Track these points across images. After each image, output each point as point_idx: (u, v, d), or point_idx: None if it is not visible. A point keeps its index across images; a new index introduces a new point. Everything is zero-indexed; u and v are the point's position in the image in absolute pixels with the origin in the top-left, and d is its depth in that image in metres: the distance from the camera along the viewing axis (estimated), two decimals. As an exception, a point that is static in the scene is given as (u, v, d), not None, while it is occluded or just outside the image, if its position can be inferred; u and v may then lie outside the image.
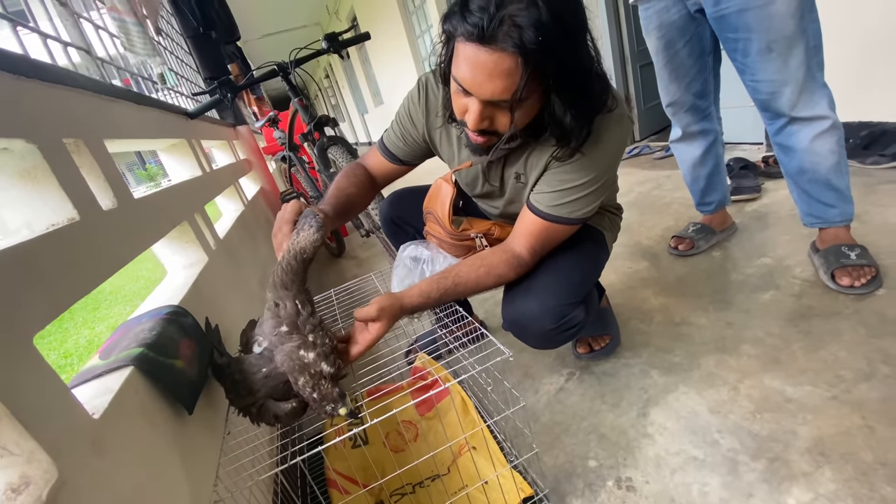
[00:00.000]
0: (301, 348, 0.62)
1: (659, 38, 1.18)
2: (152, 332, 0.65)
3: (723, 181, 1.39)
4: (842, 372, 0.84)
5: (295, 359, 0.62)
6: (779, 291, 1.12)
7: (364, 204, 0.92)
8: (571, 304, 0.81)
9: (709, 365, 0.95)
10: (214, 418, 0.72)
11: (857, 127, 1.71)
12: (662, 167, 2.34)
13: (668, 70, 1.22)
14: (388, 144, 0.94)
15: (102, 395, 0.52)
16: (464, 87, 0.63)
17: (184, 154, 1.33)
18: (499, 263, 0.79)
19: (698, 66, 1.18)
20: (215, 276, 1.05)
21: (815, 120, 1.03)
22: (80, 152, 0.70)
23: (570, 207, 0.76)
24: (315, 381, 0.61)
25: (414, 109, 0.88)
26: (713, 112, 1.29)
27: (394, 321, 0.71)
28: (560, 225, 0.78)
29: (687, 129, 1.30)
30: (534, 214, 0.78)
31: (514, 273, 0.80)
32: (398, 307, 0.72)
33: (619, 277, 1.39)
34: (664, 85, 1.26)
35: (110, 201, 0.71)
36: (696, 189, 1.40)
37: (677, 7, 1.12)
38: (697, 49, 1.16)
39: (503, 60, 0.57)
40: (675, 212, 1.75)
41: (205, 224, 1.15)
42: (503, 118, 0.66)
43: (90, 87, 0.82)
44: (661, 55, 1.20)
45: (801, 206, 1.17)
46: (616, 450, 0.83)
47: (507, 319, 0.86)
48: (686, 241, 1.40)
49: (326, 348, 0.63)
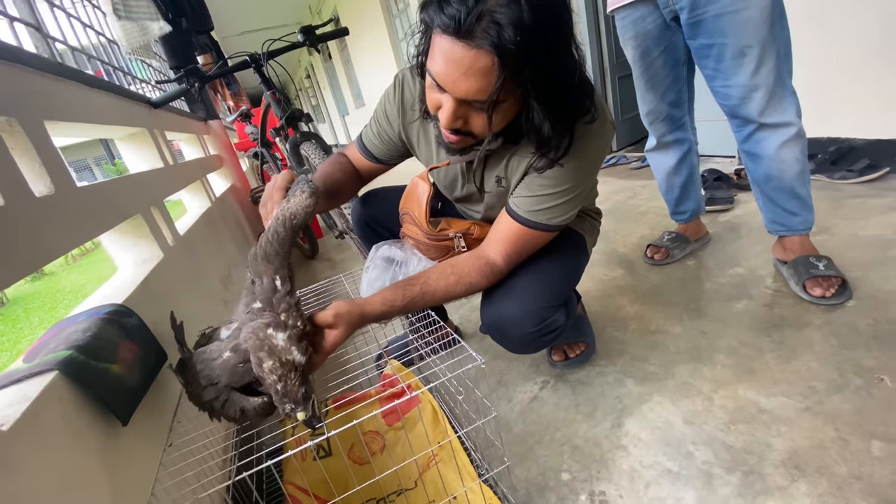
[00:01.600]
0: (270, 326, 0.55)
1: (635, 48, 1.19)
2: (86, 334, 0.58)
3: (697, 191, 1.40)
4: (814, 383, 0.84)
5: (262, 337, 0.54)
6: (751, 301, 1.12)
7: (350, 193, 0.91)
8: (552, 307, 0.78)
9: (683, 374, 0.94)
10: (155, 429, 0.65)
11: (825, 142, 1.76)
12: (638, 177, 2.37)
13: (645, 79, 1.23)
14: (365, 142, 0.91)
15: (17, 403, 0.46)
16: (437, 83, 0.59)
17: (144, 145, 1.25)
18: (470, 271, 0.75)
19: (673, 76, 1.20)
20: (171, 275, 0.97)
21: (783, 127, 1.05)
22: (12, 132, 0.63)
23: (549, 213, 0.73)
24: (284, 371, 0.53)
25: (389, 107, 0.85)
26: (687, 122, 1.31)
27: (352, 330, 0.65)
28: (538, 231, 0.75)
29: (662, 138, 1.31)
30: (511, 219, 0.75)
31: (487, 281, 0.76)
32: (357, 314, 0.65)
33: (596, 285, 1.38)
34: (641, 94, 1.27)
35: (45, 187, 0.64)
36: (671, 198, 1.41)
37: (653, 16, 1.12)
38: (672, 58, 1.17)
39: (479, 58, 0.54)
40: (651, 221, 1.76)
41: (162, 219, 1.07)
42: (478, 119, 0.63)
43: (32, 64, 0.75)
44: (638, 64, 1.21)
45: (766, 214, 1.19)
46: (590, 462, 0.80)
47: (487, 322, 0.82)
48: (661, 250, 1.41)
49: (298, 332, 0.56)
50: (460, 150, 0.73)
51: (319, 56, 10.27)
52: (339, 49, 8.55)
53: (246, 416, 0.58)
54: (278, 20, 8.45)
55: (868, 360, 0.85)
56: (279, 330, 0.55)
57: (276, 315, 0.57)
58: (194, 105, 2.39)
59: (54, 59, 0.89)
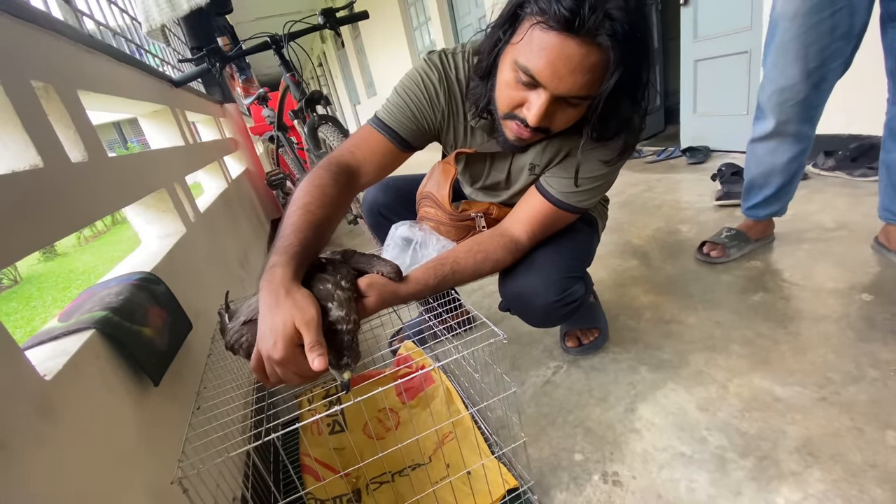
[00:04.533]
0: (330, 283, 0.56)
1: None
2: (119, 297, 0.60)
3: (792, 191, 1.23)
4: (830, 374, 0.84)
5: (327, 288, 0.55)
6: (768, 294, 1.12)
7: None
8: (572, 278, 0.80)
9: (698, 363, 0.94)
10: (183, 392, 0.67)
11: (846, 139, 1.74)
12: (654, 170, 2.35)
13: (798, 44, 0.97)
14: (394, 125, 0.76)
15: (58, 356, 0.48)
16: (535, 79, 0.57)
17: (166, 122, 1.27)
18: (497, 248, 0.76)
19: (834, 49, 0.97)
20: (193, 249, 0.99)
21: None
22: (49, 98, 0.64)
23: (580, 196, 0.75)
24: (352, 327, 0.53)
25: (433, 91, 0.76)
26: (819, 114, 1.09)
27: (383, 303, 0.65)
28: (566, 213, 0.77)
29: (785, 126, 1.08)
30: (543, 198, 0.76)
31: (512, 258, 0.78)
32: (390, 290, 0.65)
33: (609, 275, 1.38)
34: (783, 64, 1.01)
35: (80, 154, 0.66)
36: (762, 194, 1.22)
37: None
38: (845, 26, 0.94)
39: (591, 54, 0.53)
40: (666, 214, 1.75)
41: (184, 195, 1.09)
42: (563, 115, 0.62)
43: (67, 34, 0.76)
44: (798, 22, 0.96)
45: (884, 201, 1.12)
46: (602, 444, 0.81)
47: (508, 295, 0.83)
48: (718, 247, 1.29)
49: (351, 295, 0.57)
50: (522, 147, 0.73)
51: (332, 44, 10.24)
52: (352, 37, 8.51)
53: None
54: (293, 6, 8.40)
55: (884, 353, 0.85)
56: (339, 288, 0.55)
57: (335, 275, 0.57)
58: (211, 88, 2.41)
59: (84, 31, 0.90)
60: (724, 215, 1.60)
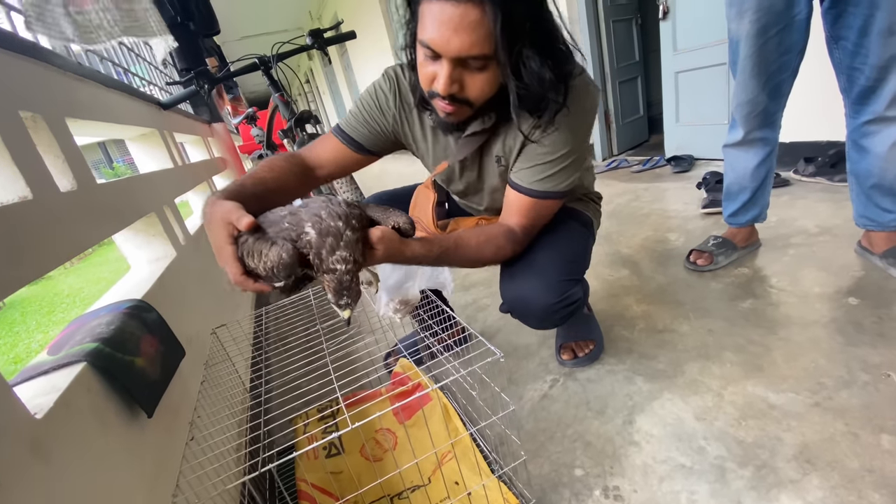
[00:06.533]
0: (341, 219, 0.55)
1: (753, 22, 1.03)
2: (110, 327, 0.59)
3: (767, 195, 1.30)
4: (823, 379, 0.85)
5: (335, 226, 0.54)
6: (757, 300, 1.13)
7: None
8: (571, 281, 0.82)
9: (692, 372, 0.95)
10: (176, 423, 0.66)
11: (825, 146, 1.79)
12: (640, 180, 2.39)
13: (753, 62, 1.08)
14: (348, 131, 0.86)
15: (48, 393, 0.47)
16: (432, 49, 0.61)
17: (154, 145, 1.26)
18: (498, 234, 0.78)
19: (782, 63, 1.07)
20: (184, 272, 0.98)
21: None
22: (37, 128, 0.64)
23: (552, 181, 0.76)
24: (353, 267, 0.54)
25: (384, 98, 0.83)
26: (779, 119, 1.19)
27: (389, 256, 0.65)
28: (546, 200, 0.78)
29: (750, 134, 1.19)
30: (518, 192, 0.78)
31: (511, 247, 0.79)
32: (397, 244, 0.66)
33: (601, 285, 1.39)
34: (743, 80, 1.12)
35: (69, 183, 0.65)
36: (739, 200, 1.29)
37: None
38: (787, 42, 1.04)
39: (469, 11, 0.56)
40: (654, 223, 1.78)
41: (174, 217, 1.08)
42: (473, 82, 0.65)
43: (55, 63, 0.76)
44: (750, 42, 1.06)
45: (857, 208, 1.16)
46: (602, 458, 0.80)
47: (509, 297, 0.85)
48: (705, 255, 1.32)
49: (360, 236, 0.57)
50: (457, 127, 0.74)
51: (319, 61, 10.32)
52: (339, 54, 8.59)
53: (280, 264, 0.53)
54: (279, 25, 8.49)
55: (874, 357, 0.87)
56: (349, 228, 0.55)
57: (348, 215, 0.57)
58: (199, 108, 2.41)
59: (72, 59, 0.90)
60: (711, 223, 1.63)
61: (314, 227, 0.54)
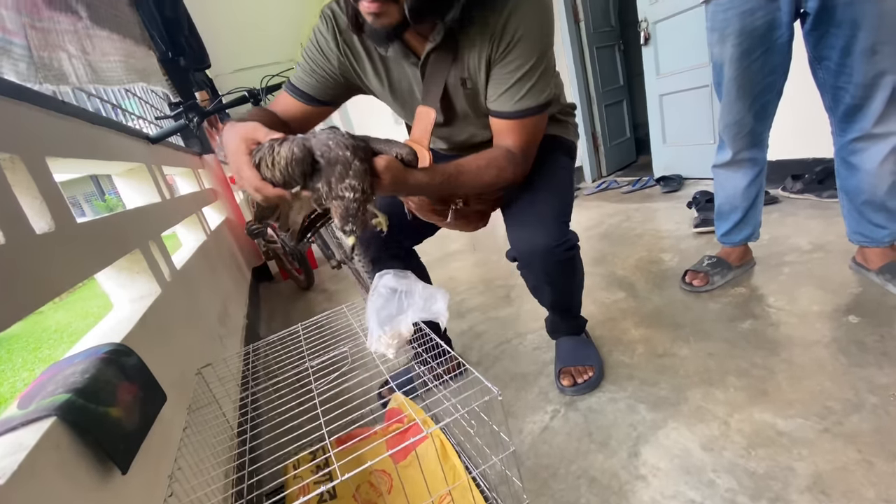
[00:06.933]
0: (349, 149, 0.57)
1: (736, 46, 1.04)
2: (84, 376, 0.56)
3: (758, 214, 1.29)
4: (830, 403, 0.82)
5: (345, 155, 0.56)
6: (756, 321, 1.12)
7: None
8: (566, 223, 0.89)
9: (696, 398, 0.92)
10: (156, 477, 0.62)
11: (811, 163, 1.81)
12: (630, 200, 2.41)
13: (738, 84, 1.09)
14: (298, 84, 0.85)
15: (14, 453, 0.43)
16: None
17: (142, 179, 1.25)
18: (498, 157, 0.78)
19: (766, 84, 1.08)
20: (168, 311, 0.95)
21: (888, 136, 1.00)
22: (15, 169, 0.62)
23: (532, 96, 0.76)
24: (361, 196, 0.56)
25: (324, 41, 0.81)
26: (766, 139, 1.20)
27: (394, 186, 0.65)
28: (534, 117, 0.78)
29: (738, 155, 1.20)
30: (504, 120, 0.78)
31: (512, 168, 0.79)
32: (402, 173, 0.66)
33: (598, 308, 1.37)
34: (729, 102, 1.13)
35: (46, 224, 0.63)
36: (731, 220, 1.29)
37: (765, 10, 0.99)
38: (771, 64, 1.05)
39: None
40: (647, 243, 1.77)
41: (160, 253, 1.05)
42: None
43: (37, 102, 0.75)
44: (734, 66, 1.07)
45: (850, 225, 1.16)
46: (608, 495, 0.77)
47: (514, 244, 0.90)
48: (700, 275, 1.31)
49: (367, 167, 0.59)
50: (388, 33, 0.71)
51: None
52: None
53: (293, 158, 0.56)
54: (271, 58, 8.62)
55: (880, 378, 0.85)
56: (356, 157, 0.57)
57: (355, 146, 0.58)
58: (190, 140, 2.41)
59: (56, 97, 0.89)
60: (704, 242, 1.63)
61: (323, 156, 0.57)
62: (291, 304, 2.29)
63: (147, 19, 1.50)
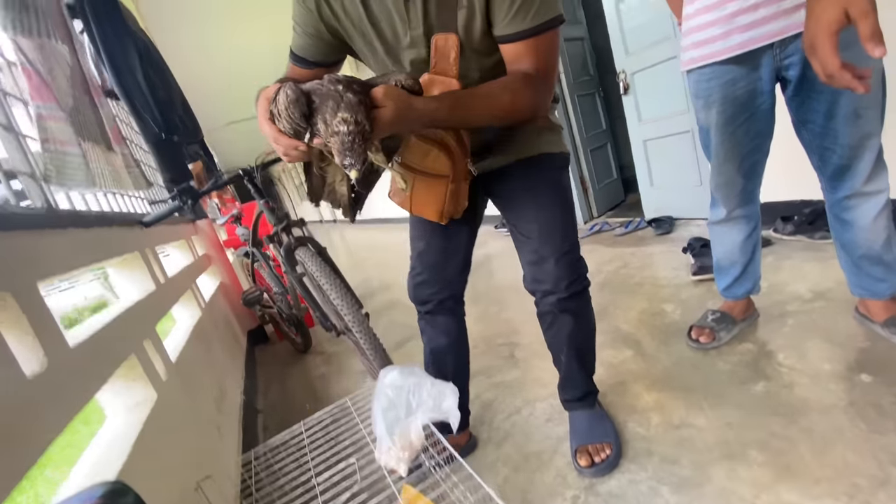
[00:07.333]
0: (342, 84, 0.58)
1: (721, 113, 1.08)
2: (79, 534, 0.51)
3: (758, 267, 1.30)
4: (856, 479, 0.80)
5: (337, 90, 0.57)
6: (769, 382, 1.10)
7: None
8: (579, 254, 0.95)
9: (720, 477, 0.89)
10: None
11: (799, 205, 1.85)
12: (625, 244, 2.42)
13: (725, 149, 1.12)
14: (295, 49, 0.86)
15: None
16: None
17: (135, 267, 1.23)
18: (512, 79, 0.74)
19: (753, 146, 1.11)
20: (165, 416, 0.91)
21: (878, 194, 1.03)
22: (5, 307, 0.60)
23: (545, 10, 0.71)
24: (355, 128, 0.56)
25: None
26: (757, 195, 1.23)
27: (399, 115, 0.62)
28: (550, 32, 0.73)
29: (732, 213, 1.22)
30: (518, 42, 0.73)
31: (531, 93, 0.74)
32: (405, 101, 0.63)
33: (607, 370, 1.34)
34: (718, 163, 1.16)
35: (38, 363, 0.60)
36: (731, 274, 1.30)
37: (746, 80, 1.03)
38: (756, 128, 1.09)
39: None
40: (648, 292, 1.77)
41: (155, 351, 1.02)
42: None
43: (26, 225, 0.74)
44: (720, 131, 1.11)
45: (851, 278, 1.16)
46: None
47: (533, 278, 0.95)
48: (706, 331, 1.30)
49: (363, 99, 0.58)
50: None
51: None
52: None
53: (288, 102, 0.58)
54: (260, 110, 8.83)
55: (904, 448, 0.83)
56: (349, 91, 0.57)
57: (348, 81, 0.59)
58: (182, 208, 2.41)
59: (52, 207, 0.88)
60: (704, 290, 1.63)
61: (316, 94, 0.59)
62: (288, 369, 2.23)
63: (140, 105, 1.52)
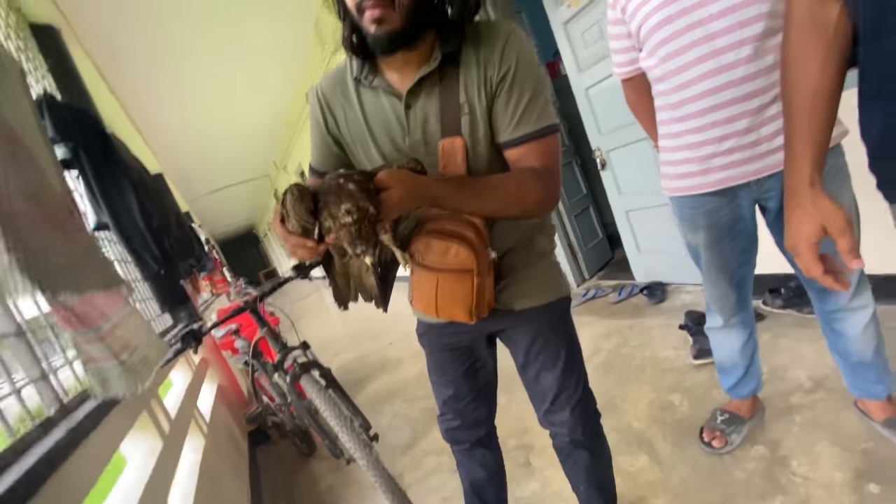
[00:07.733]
0: (342, 178, 0.61)
1: (707, 237, 1.17)
2: None
3: (759, 367, 1.36)
4: None
5: (337, 184, 0.60)
6: (787, 497, 1.11)
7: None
8: (592, 401, 0.99)
9: None
10: None
11: (783, 278, 1.92)
12: (622, 314, 2.46)
13: (716, 267, 1.21)
14: (316, 167, 0.90)
15: None
16: None
17: (145, 431, 1.21)
18: (519, 172, 0.76)
19: (741, 261, 1.19)
20: None
21: (863, 309, 1.09)
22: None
23: (548, 115, 0.75)
24: (360, 216, 0.59)
25: (317, 112, 0.85)
26: (750, 301, 1.29)
27: (407, 195, 0.64)
28: (553, 135, 0.76)
29: (728, 321, 1.28)
30: (524, 145, 0.76)
31: (538, 183, 0.74)
32: (412, 180, 0.65)
33: (625, 481, 1.34)
34: (711, 279, 1.24)
35: None
36: (734, 375, 1.35)
37: (728, 207, 1.11)
38: (741, 246, 1.17)
39: None
40: (652, 378, 1.79)
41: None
42: None
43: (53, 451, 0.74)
44: (708, 252, 1.19)
45: (848, 380, 1.22)
46: None
47: (550, 423, 0.99)
48: (718, 434, 1.33)
49: (366, 185, 0.61)
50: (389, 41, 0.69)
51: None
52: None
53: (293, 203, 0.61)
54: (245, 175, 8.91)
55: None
56: (350, 182, 0.60)
57: (349, 174, 0.62)
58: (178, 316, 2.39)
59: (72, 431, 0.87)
60: (707, 377, 1.66)
61: (319, 192, 0.62)
62: (294, 477, 2.16)
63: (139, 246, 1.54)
